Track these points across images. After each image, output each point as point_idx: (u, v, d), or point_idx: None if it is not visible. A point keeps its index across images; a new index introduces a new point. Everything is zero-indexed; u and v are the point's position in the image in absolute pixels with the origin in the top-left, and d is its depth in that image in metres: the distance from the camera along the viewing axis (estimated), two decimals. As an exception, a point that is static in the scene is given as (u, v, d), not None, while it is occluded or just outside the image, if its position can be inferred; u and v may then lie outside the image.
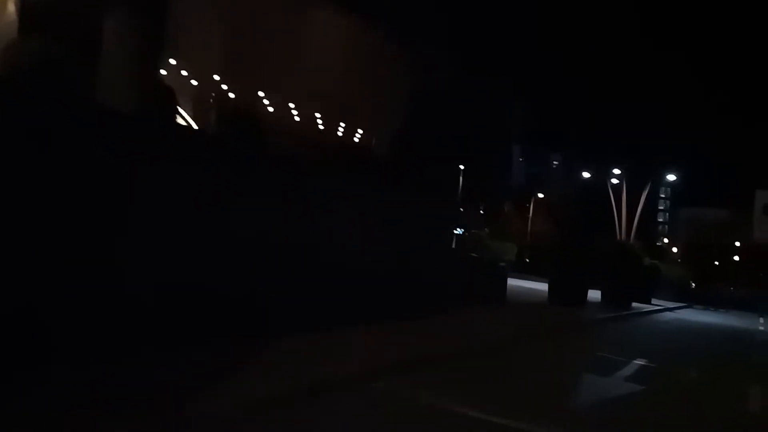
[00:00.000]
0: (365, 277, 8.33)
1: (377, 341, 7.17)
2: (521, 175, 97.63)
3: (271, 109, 19.65)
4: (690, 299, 32.56)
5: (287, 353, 5.76)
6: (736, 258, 75.98)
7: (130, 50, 7.15)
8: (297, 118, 21.22)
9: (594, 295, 17.84)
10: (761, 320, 26.83)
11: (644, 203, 36.52)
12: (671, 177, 34.27)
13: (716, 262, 70.58)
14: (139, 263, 4.87)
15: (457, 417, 5.19)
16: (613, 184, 35.85)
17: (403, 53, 14.83)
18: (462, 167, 51.04)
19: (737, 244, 79.49)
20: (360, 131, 21.48)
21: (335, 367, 5.68)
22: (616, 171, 35.61)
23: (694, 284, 40.66)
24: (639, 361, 9.50)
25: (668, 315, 22.27)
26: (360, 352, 6.50)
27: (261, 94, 18.67)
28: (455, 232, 58.35)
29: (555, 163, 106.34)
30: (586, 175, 40.01)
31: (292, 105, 20.75)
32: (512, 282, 25.26)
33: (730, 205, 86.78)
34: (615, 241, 27.35)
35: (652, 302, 24.58)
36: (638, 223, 36.58)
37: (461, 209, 67.04)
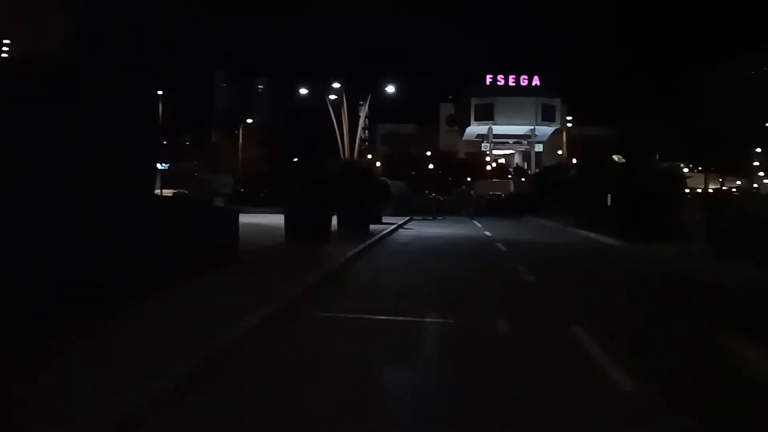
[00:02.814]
0: None
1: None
2: (228, 102, 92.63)
3: None
4: (409, 212, 32.99)
5: None
6: (431, 166, 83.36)
7: None
8: None
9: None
10: (478, 224, 28.05)
11: (349, 121, 35.63)
12: (390, 89, 33.52)
13: (413, 172, 75.78)
14: None
15: None
16: (332, 101, 33.82)
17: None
18: (161, 93, 44.51)
19: (429, 153, 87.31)
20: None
21: None
22: (335, 86, 33.54)
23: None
24: (431, 319, 7.07)
25: (405, 233, 21.25)
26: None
27: None
28: (159, 167, 51.88)
29: (260, 87, 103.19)
30: (303, 92, 37.37)
31: None
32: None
33: (418, 120, 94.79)
34: (342, 161, 25.47)
35: (383, 221, 23.56)
36: (351, 140, 35.67)
37: (164, 141, 60.23)
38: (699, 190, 33.46)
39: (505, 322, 7.09)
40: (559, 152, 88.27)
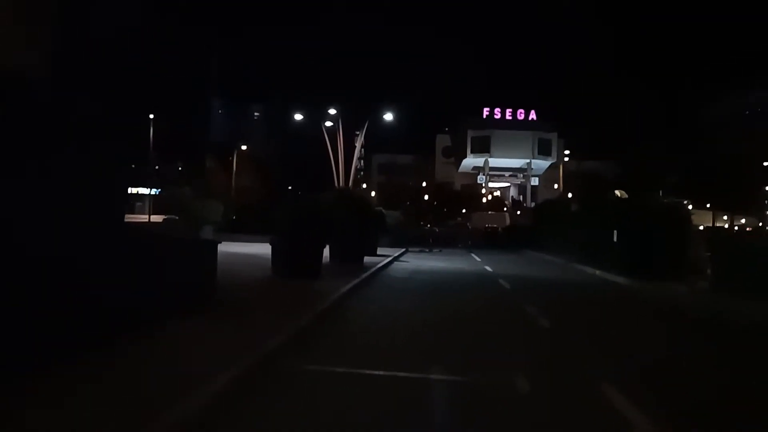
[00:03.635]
0: None
1: None
2: (222, 128, 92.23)
3: None
4: (404, 243, 31.97)
5: None
6: (426, 197, 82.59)
7: None
8: None
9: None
10: (477, 258, 27.00)
11: (345, 150, 34.92)
12: (388, 116, 32.56)
13: (408, 203, 74.82)
14: None
15: None
16: (327, 128, 32.83)
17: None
18: (152, 116, 43.77)
19: (424, 184, 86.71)
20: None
21: None
22: (331, 112, 32.56)
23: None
24: (438, 375, 6.01)
25: (401, 266, 20.16)
26: None
27: None
28: (145, 192, 50.70)
29: (256, 114, 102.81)
30: (298, 118, 36.51)
31: None
32: (222, 248, 20.83)
33: (415, 150, 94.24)
34: (337, 190, 24.46)
35: (378, 252, 22.53)
36: (347, 169, 34.83)
37: (156, 167, 59.31)
38: (701, 228, 32.64)
39: (525, 379, 6.02)
40: (555, 186, 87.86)
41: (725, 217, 48.40)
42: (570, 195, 66.50)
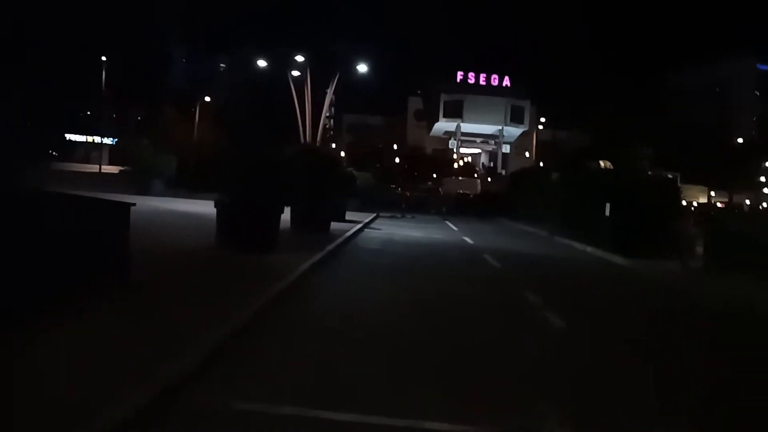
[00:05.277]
0: None
1: None
2: (186, 78, 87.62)
3: None
4: (374, 207, 29.79)
5: None
6: (397, 160, 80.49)
7: None
8: None
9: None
10: (454, 227, 25.02)
11: (313, 106, 32.40)
12: (362, 68, 29.73)
13: (378, 165, 72.78)
14: None
15: None
16: (295, 80, 30.07)
17: None
18: (104, 59, 40.01)
19: (395, 147, 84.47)
20: None
21: None
22: (299, 59, 29.77)
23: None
24: (435, 426, 3.97)
25: (373, 235, 17.93)
26: None
27: None
28: (100, 141, 47.52)
29: (222, 65, 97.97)
30: (263, 65, 33.58)
31: None
32: (171, 205, 18.37)
33: (386, 112, 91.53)
34: (302, 146, 21.95)
35: (346, 218, 20.35)
36: (314, 124, 32.34)
37: (113, 115, 55.47)
38: (684, 203, 31.42)
39: (559, 426, 3.99)
40: (527, 154, 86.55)
41: (713, 193, 47.47)
42: (541, 164, 65.00)
